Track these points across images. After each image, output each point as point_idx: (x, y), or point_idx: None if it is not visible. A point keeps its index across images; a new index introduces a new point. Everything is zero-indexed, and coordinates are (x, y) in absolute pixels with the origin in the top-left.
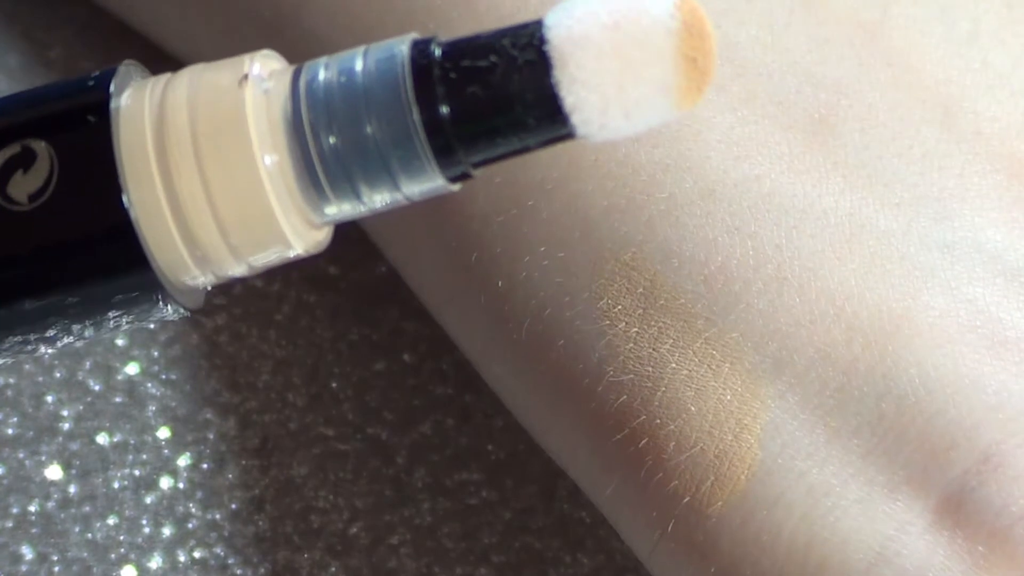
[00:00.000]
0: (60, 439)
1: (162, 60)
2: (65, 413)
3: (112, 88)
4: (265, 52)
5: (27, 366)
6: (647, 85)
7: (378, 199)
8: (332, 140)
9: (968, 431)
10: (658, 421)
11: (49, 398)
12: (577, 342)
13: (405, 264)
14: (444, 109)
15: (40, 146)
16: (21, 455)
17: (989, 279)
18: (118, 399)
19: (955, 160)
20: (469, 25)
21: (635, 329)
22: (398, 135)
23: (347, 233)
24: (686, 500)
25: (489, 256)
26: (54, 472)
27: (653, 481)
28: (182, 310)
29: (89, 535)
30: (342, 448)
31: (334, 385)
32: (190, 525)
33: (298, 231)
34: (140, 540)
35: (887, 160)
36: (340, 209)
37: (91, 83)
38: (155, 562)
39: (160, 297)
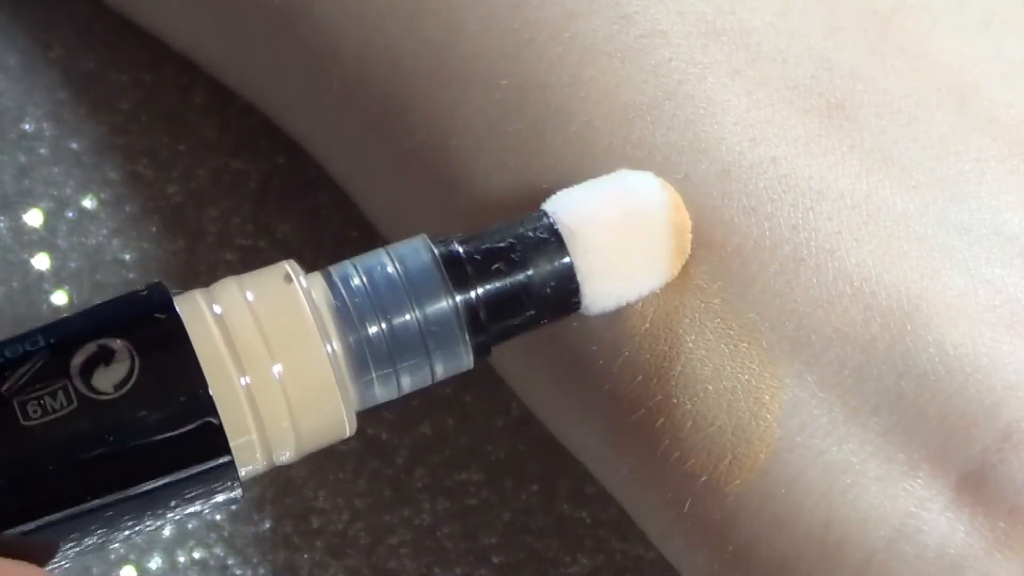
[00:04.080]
0: None
1: (164, 60)
2: None
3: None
4: (289, 260)
5: None
6: (647, 252)
7: (409, 382)
8: (377, 328)
9: (988, 409)
10: (675, 400)
11: None
12: (591, 323)
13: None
14: (475, 288)
15: (116, 343)
16: None
17: (1007, 260)
18: None
19: (971, 145)
20: (481, 9)
21: (651, 309)
22: (438, 318)
23: (347, 233)
24: (703, 479)
25: None
26: None
27: (670, 461)
28: (241, 496)
29: None
30: (342, 448)
31: None
32: (190, 525)
33: (350, 417)
34: (140, 540)
35: (903, 144)
36: (379, 394)
37: (145, 292)
38: (155, 562)
39: (234, 482)
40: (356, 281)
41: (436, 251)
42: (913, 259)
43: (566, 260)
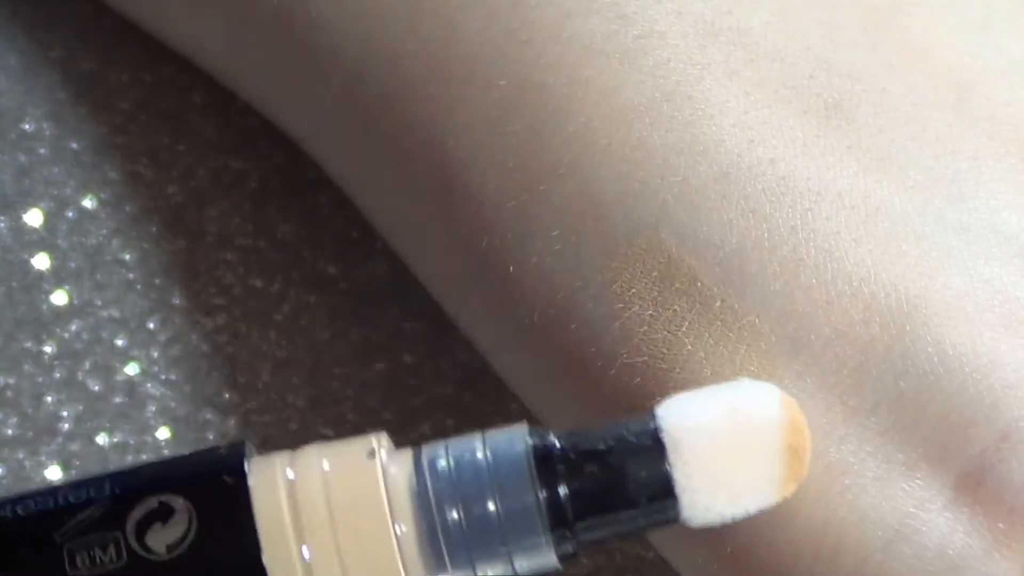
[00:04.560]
0: (60, 439)
1: (164, 60)
2: (65, 413)
3: (245, 455)
4: (381, 432)
5: (26, 366)
6: (755, 472)
7: (489, 573)
8: (456, 515)
9: (987, 409)
10: None
11: (49, 398)
12: (590, 325)
13: (412, 250)
14: (564, 488)
15: (178, 502)
16: (21, 455)
17: (1006, 259)
18: (118, 399)
19: (969, 143)
20: (480, 9)
21: (649, 312)
22: (520, 512)
23: (347, 233)
24: None
25: (500, 241)
26: (54, 472)
27: None
28: None
29: None
30: None
31: (334, 385)
32: None
33: None
34: None
35: (901, 143)
36: None
37: (222, 451)
38: None
39: None
40: (442, 464)
41: (530, 443)
42: (912, 259)
43: (665, 471)
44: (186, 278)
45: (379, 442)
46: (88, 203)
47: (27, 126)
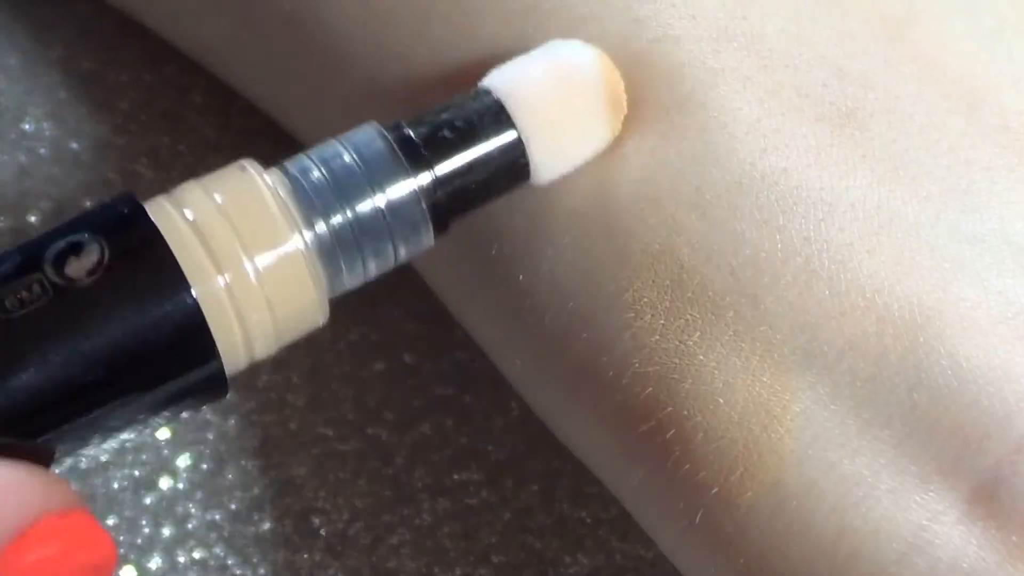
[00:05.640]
0: None
1: (164, 59)
2: None
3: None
4: (248, 159)
5: None
6: (587, 112)
7: (374, 266)
8: (342, 217)
9: (1001, 421)
10: (685, 412)
11: None
12: (601, 334)
13: (421, 256)
14: (431, 166)
15: (85, 236)
16: None
17: (1019, 270)
18: None
19: (982, 154)
20: (493, 13)
21: (661, 321)
22: (401, 202)
23: None
24: (714, 491)
25: (511, 248)
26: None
27: (680, 472)
28: (224, 394)
29: None
30: (342, 448)
31: (334, 385)
32: (190, 525)
33: (324, 306)
34: (140, 540)
35: (914, 153)
36: (347, 281)
37: (110, 200)
38: (155, 562)
39: (218, 379)
40: (315, 173)
41: (389, 136)
42: (925, 270)
43: (513, 130)
44: None
45: (252, 165)
46: (88, 203)
47: (27, 126)
